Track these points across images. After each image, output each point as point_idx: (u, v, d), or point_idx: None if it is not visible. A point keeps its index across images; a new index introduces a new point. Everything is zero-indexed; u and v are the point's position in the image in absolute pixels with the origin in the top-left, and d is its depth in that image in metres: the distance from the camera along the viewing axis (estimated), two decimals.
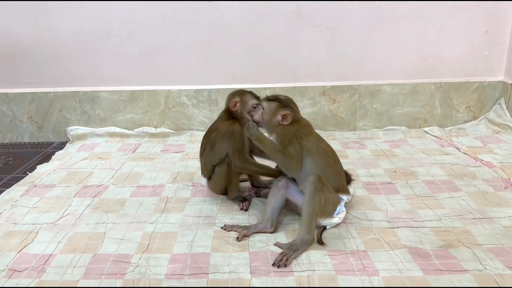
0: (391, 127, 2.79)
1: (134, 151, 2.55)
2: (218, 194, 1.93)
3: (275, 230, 1.61)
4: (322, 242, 1.50)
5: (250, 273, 1.36)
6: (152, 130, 2.81)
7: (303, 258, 1.42)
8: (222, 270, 1.38)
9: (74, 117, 2.84)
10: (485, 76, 2.79)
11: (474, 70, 2.78)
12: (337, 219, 1.60)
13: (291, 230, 1.62)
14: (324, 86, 2.77)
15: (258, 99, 1.78)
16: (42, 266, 1.41)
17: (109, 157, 2.45)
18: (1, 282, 1.34)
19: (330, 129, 2.82)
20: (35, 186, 2.06)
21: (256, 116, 1.71)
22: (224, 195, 1.92)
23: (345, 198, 1.64)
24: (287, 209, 1.72)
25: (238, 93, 1.81)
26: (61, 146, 2.74)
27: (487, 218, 1.65)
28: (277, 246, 1.50)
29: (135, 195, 1.95)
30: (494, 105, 2.79)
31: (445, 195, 1.86)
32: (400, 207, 1.77)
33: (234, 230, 1.61)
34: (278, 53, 2.74)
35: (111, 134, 2.79)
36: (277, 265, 1.38)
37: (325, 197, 1.49)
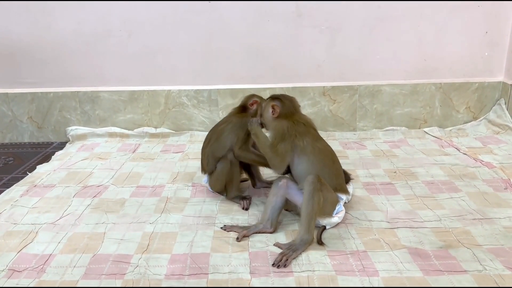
0: (391, 128, 2.80)
1: (134, 151, 2.55)
2: (217, 193, 1.93)
3: (275, 230, 1.61)
4: (321, 243, 1.50)
5: (250, 273, 1.36)
6: (152, 130, 2.81)
7: (303, 258, 1.42)
8: (221, 270, 1.38)
9: (74, 117, 2.84)
10: (485, 76, 2.79)
11: (474, 71, 2.78)
12: (336, 219, 1.60)
13: (291, 230, 1.62)
14: (324, 87, 2.77)
15: None
16: (42, 266, 1.41)
17: (109, 157, 2.45)
18: (1, 282, 1.34)
19: (330, 129, 2.82)
20: (35, 186, 2.06)
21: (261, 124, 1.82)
22: (223, 195, 1.92)
23: (344, 198, 1.64)
24: (286, 209, 1.72)
25: (257, 96, 1.91)
26: (61, 146, 2.74)
27: (487, 219, 1.65)
28: (276, 246, 1.50)
29: (135, 195, 1.95)
30: (494, 105, 2.79)
31: (445, 196, 1.86)
32: (400, 208, 1.77)
33: (234, 231, 1.61)
34: (278, 53, 2.74)
35: (111, 134, 2.79)
36: (276, 265, 1.38)
37: (324, 196, 1.49)
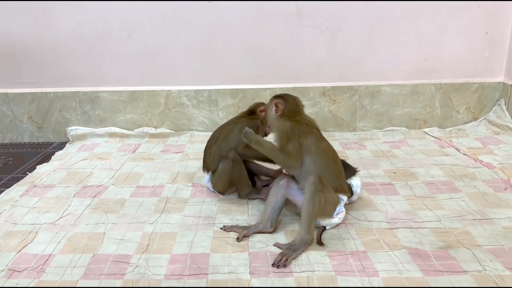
0: (391, 128, 2.80)
1: (134, 152, 2.55)
2: (218, 192, 1.93)
3: (275, 230, 1.61)
4: (321, 243, 1.50)
5: (250, 273, 1.36)
6: (152, 130, 2.81)
7: (303, 258, 1.42)
8: (221, 270, 1.38)
9: (74, 117, 2.84)
10: (485, 77, 2.79)
11: (474, 71, 2.78)
12: (336, 220, 1.60)
13: (291, 230, 1.62)
14: (324, 87, 2.77)
15: None
16: (41, 266, 1.41)
17: (109, 157, 2.45)
18: (0, 282, 1.34)
19: (330, 129, 2.82)
20: (35, 186, 2.06)
21: (268, 130, 1.91)
22: (223, 194, 1.92)
23: (344, 199, 1.64)
24: (286, 209, 1.72)
25: (266, 103, 1.93)
26: (61, 146, 2.74)
27: (487, 219, 1.65)
28: (276, 246, 1.50)
29: (135, 196, 1.94)
30: (494, 106, 2.79)
31: (445, 196, 1.86)
32: (399, 208, 1.77)
33: (234, 231, 1.61)
34: (278, 53, 2.74)
35: (111, 135, 2.79)
36: (276, 265, 1.38)
37: (325, 197, 1.48)
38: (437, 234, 1.55)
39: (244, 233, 1.57)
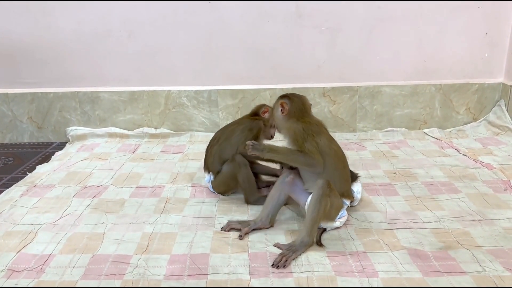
0: (391, 129, 2.80)
1: (134, 152, 2.55)
2: (218, 193, 1.93)
3: (272, 226, 1.63)
4: (321, 244, 1.50)
5: (249, 274, 1.36)
6: (152, 130, 2.81)
7: (302, 259, 1.42)
8: (221, 271, 1.38)
9: (74, 117, 2.84)
10: (485, 77, 2.79)
11: (474, 72, 2.78)
12: (338, 223, 1.59)
13: (291, 230, 1.62)
14: (324, 87, 2.77)
15: None
16: (41, 267, 1.41)
17: (108, 157, 2.45)
18: (0, 282, 1.34)
19: (330, 130, 2.73)
20: (35, 186, 2.06)
21: (272, 132, 1.91)
22: (224, 195, 1.92)
23: (348, 203, 1.63)
24: (287, 206, 1.72)
25: (269, 106, 1.94)
26: (61, 146, 2.74)
27: (487, 220, 1.65)
28: (276, 247, 1.50)
29: (135, 196, 1.94)
30: (494, 106, 2.79)
31: (444, 197, 1.86)
32: (399, 209, 1.77)
33: (232, 227, 1.61)
34: (278, 54, 2.74)
35: (111, 135, 2.79)
36: (276, 265, 1.38)
37: (331, 202, 1.48)
38: (436, 234, 1.55)
39: (245, 230, 1.58)
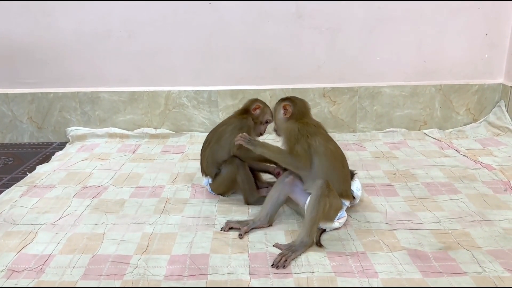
0: (391, 129, 2.80)
1: (134, 152, 2.55)
2: (218, 194, 1.93)
3: (271, 225, 1.64)
4: (320, 245, 1.50)
5: (249, 274, 1.36)
6: (152, 131, 2.81)
7: (302, 259, 1.42)
8: (221, 271, 1.38)
9: (74, 117, 2.84)
10: (485, 78, 2.79)
11: (474, 73, 2.78)
12: (337, 224, 1.59)
13: (291, 230, 1.62)
14: (324, 88, 2.77)
15: (273, 118, 1.90)
16: (41, 267, 1.41)
17: (108, 157, 2.46)
18: (0, 282, 1.34)
19: (330, 131, 2.79)
20: (35, 186, 2.06)
21: (262, 129, 1.92)
22: (224, 196, 1.92)
23: (347, 204, 1.63)
24: (287, 204, 1.72)
25: (261, 101, 1.93)
26: (61, 146, 2.74)
27: (487, 221, 1.65)
28: (276, 247, 1.50)
29: (135, 196, 1.94)
30: (494, 107, 2.79)
31: (444, 197, 1.86)
32: (399, 209, 1.77)
33: (231, 226, 1.62)
34: (279, 54, 2.74)
35: (111, 135, 2.79)
36: (275, 265, 1.38)
37: (330, 202, 1.48)
38: (436, 235, 1.56)
39: (244, 229, 1.58)
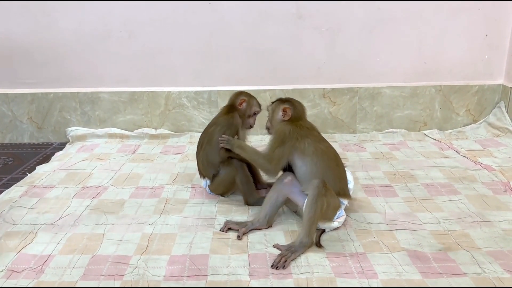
0: (391, 130, 2.80)
1: (133, 152, 2.55)
2: (217, 195, 1.93)
3: (270, 226, 1.64)
4: (320, 245, 1.50)
5: (249, 275, 1.36)
6: (152, 131, 2.81)
7: (302, 260, 1.42)
8: (221, 272, 1.38)
9: (74, 118, 2.84)
10: (485, 79, 2.79)
11: (474, 73, 2.78)
12: (336, 224, 1.59)
13: (290, 231, 1.62)
14: (324, 89, 2.77)
15: (260, 108, 1.93)
16: (40, 267, 1.41)
17: (108, 158, 2.45)
18: (0, 282, 1.34)
19: (330, 131, 2.82)
20: (35, 186, 2.06)
21: (251, 121, 1.91)
22: (224, 196, 1.92)
23: (345, 203, 1.64)
24: (286, 205, 1.72)
25: (245, 93, 1.92)
26: (60, 146, 2.74)
27: (486, 222, 1.65)
28: (276, 247, 1.50)
29: (135, 196, 1.94)
30: (494, 108, 2.79)
31: (444, 198, 1.86)
32: (399, 210, 1.77)
33: (230, 227, 1.62)
34: (279, 55, 2.74)
35: (111, 135, 2.79)
36: (275, 266, 1.38)
37: (327, 202, 1.48)
38: (436, 236, 1.56)
39: (243, 230, 1.58)
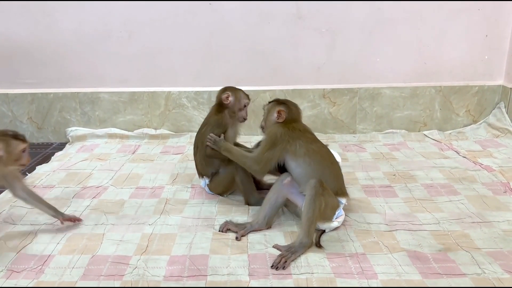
0: (391, 130, 2.80)
1: (133, 153, 2.55)
2: (217, 194, 1.93)
3: (270, 227, 1.63)
4: (320, 246, 1.50)
5: (249, 275, 1.36)
6: (152, 131, 2.81)
7: (302, 260, 1.42)
8: (220, 272, 1.38)
9: (74, 118, 2.84)
10: (485, 80, 2.79)
11: (474, 74, 2.78)
12: (336, 223, 1.60)
13: (290, 232, 1.62)
14: (324, 89, 2.77)
15: (249, 99, 1.88)
16: (40, 267, 1.41)
17: (108, 158, 2.45)
18: None
19: (330, 132, 2.82)
20: (35, 186, 2.05)
21: (243, 114, 1.87)
22: (223, 196, 1.92)
23: (344, 201, 1.64)
24: (285, 207, 1.72)
25: (230, 88, 1.88)
26: (60, 147, 2.74)
27: (486, 222, 1.65)
28: (275, 248, 1.50)
29: (134, 196, 1.94)
30: (494, 109, 2.79)
31: (444, 199, 1.86)
32: (398, 210, 1.77)
33: (229, 228, 1.62)
34: (279, 55, 2.74)
35: (111, 135, 2.79)
36: (275, 267, 1.38)
37: (325, 201, 1.48)
38: (436, 236, 1.56)
39: (241, 232, 1.58)
